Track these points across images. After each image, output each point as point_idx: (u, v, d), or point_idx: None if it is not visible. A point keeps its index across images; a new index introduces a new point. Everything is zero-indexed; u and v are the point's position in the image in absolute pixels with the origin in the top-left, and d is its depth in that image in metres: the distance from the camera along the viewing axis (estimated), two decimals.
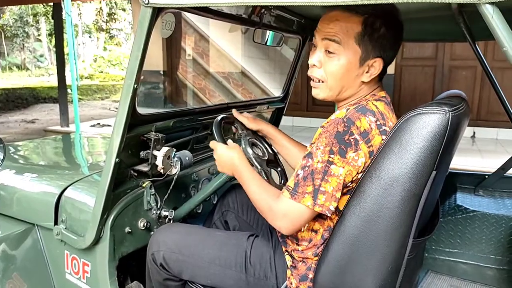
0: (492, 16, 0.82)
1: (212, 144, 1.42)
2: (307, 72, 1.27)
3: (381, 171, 1.06)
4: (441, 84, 7.34)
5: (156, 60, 7.80)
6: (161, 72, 7.91)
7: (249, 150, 1.51)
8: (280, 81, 7.34)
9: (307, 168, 1.12)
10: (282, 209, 1.16)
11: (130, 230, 1.49)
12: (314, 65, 1.23)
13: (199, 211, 1.84)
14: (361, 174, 1.13)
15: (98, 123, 7.40)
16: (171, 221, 1.56)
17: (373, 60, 1.18)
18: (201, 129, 1.87)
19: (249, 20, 1.79)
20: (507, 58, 0.82)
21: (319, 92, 1.26)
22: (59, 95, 7.45)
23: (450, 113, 1.01)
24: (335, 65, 1.19)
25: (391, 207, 1.06)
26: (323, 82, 1.23)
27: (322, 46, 1.21)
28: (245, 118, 1.63)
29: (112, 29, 23.29)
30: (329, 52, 1.19)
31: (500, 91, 1.88)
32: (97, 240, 1.43)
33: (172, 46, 8.08)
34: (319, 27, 1.22)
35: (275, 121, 2.41)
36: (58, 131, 6.86)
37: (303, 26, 2.10)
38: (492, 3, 0.82)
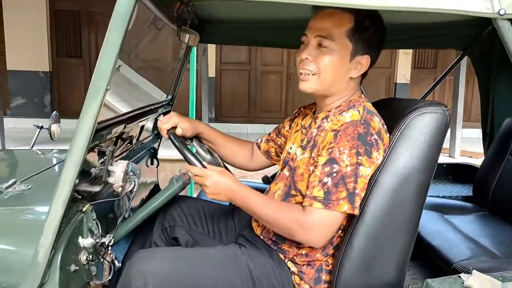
0: (508, 30, 0.99)
1: (200, 171, 1.22)
2: (298, 66, 1.26)
3: (397, 166, 1.15)
4: (255, 87, 8.03)
5: None
6: None
7: (208, 157, 1.40)
8: None
9: (335, 174, 1.11)
10: (314, 221, 1.13)
11: (76, 268, 1.18)
12: (306, 58, 1.23)
13: None
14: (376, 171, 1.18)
15: None
16: (109, 248, 1.30)
17: (362, 56, 1.24)
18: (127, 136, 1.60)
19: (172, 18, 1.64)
20: None
21: (310, 85, 1.25)
22: None
23: (447, 112, 1.16)
24: (327, 59, 1.22)
25: (408, 199, 1.15)
26: (314, 74, 1.24)
27: (315, 42, 1.23)
28: (185, 127, 1.45)
29: None
30: (322, 47, 1.22)
31: None
32: None
33: None
34: (311, 24, 1.24)
35: None
36: None
37: (196, 27, 2.03)
38: (509, 20, 0.98)
